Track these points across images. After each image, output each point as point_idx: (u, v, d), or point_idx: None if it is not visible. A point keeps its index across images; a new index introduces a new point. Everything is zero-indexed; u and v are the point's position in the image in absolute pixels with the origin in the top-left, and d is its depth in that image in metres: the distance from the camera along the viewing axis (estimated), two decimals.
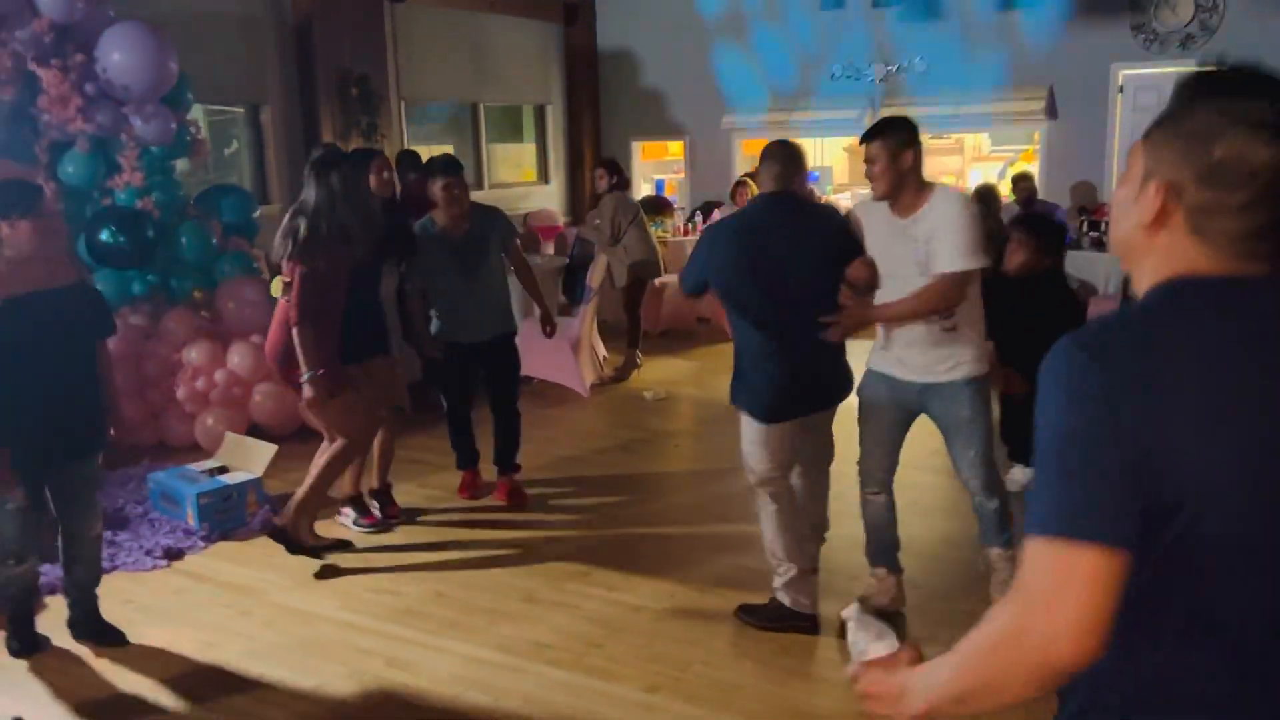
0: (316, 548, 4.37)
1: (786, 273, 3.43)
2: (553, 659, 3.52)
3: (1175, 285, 1.17)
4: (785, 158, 3.59)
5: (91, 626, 3.71)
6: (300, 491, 4.30)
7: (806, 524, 3.69)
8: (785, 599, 3.63)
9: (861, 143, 3.46)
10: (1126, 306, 1.21)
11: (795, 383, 3.50)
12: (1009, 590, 1.13)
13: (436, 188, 4.64)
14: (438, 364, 4.93)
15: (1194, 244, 1.16)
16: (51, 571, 3.84)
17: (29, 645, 3.62)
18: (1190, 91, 1.17)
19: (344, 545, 4.48)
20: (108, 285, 5.72)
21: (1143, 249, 1.21)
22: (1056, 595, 1.06)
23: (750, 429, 3.56)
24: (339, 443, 4.27)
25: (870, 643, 1.45)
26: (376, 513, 4.78)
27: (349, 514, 4.75)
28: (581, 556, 4.36)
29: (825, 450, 3.82)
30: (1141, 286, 1.21)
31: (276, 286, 4.22)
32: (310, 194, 4.06)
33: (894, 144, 3.33)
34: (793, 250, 3.44)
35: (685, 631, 3.70)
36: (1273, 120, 1.10)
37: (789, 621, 3.62)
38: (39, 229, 3.30)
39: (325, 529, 4.58)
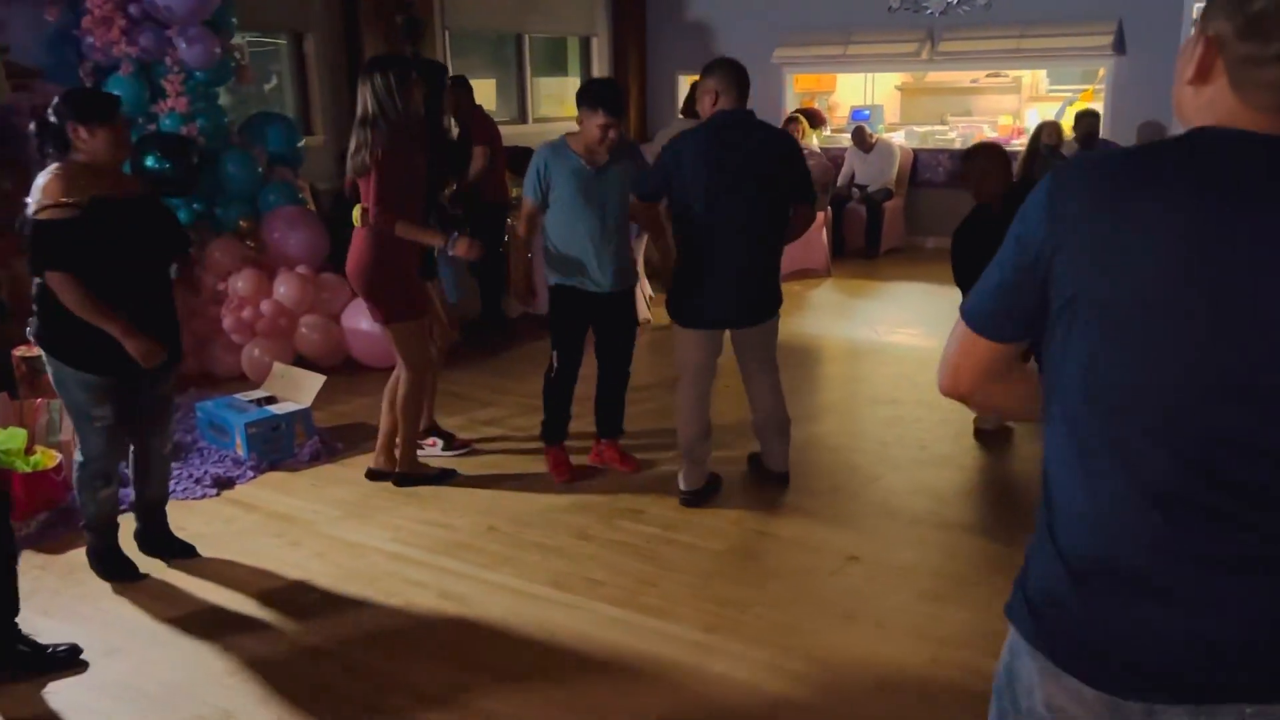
0: (432, 478, 4.41)
1: (736, 188, 3.78)
2: (606, 596, 3.45)
3: (1191, 133, 1.22)
4: (744, 73, 3.90)
5: (161, 541, 3.77)
6: (399, 434, 4.33)
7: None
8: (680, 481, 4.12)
9: None
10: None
11: (722, 295, 3.91)
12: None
13: (594, 124, 4.04)
14: (553, 316, 4.37)
15: (1235, 99, 1.20)
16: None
17: (118, 570, 3.62)
18: None
19: (449, 473, 4.48)
20: None
21: (1191, 104, 1.26)
22: (958, 358, 1.40)
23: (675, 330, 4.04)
24: (406, 376, 4.23)
25: None
26: (458, 436, 4.85)
27: (436, 443, 4.76)
28: (634, 496, 4.27)
29: (768, 357, 4.17)
30: None
31: (356, 215, 4.14)
32: (363, 101, 4.01)
33: None
34: (745, 167, 3.78)
35: (742, 573, 3.61)
36: None
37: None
38: (115, 137, 3.29)
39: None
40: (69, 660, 3.07)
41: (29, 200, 3.25)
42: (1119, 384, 1.22)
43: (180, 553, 3.76)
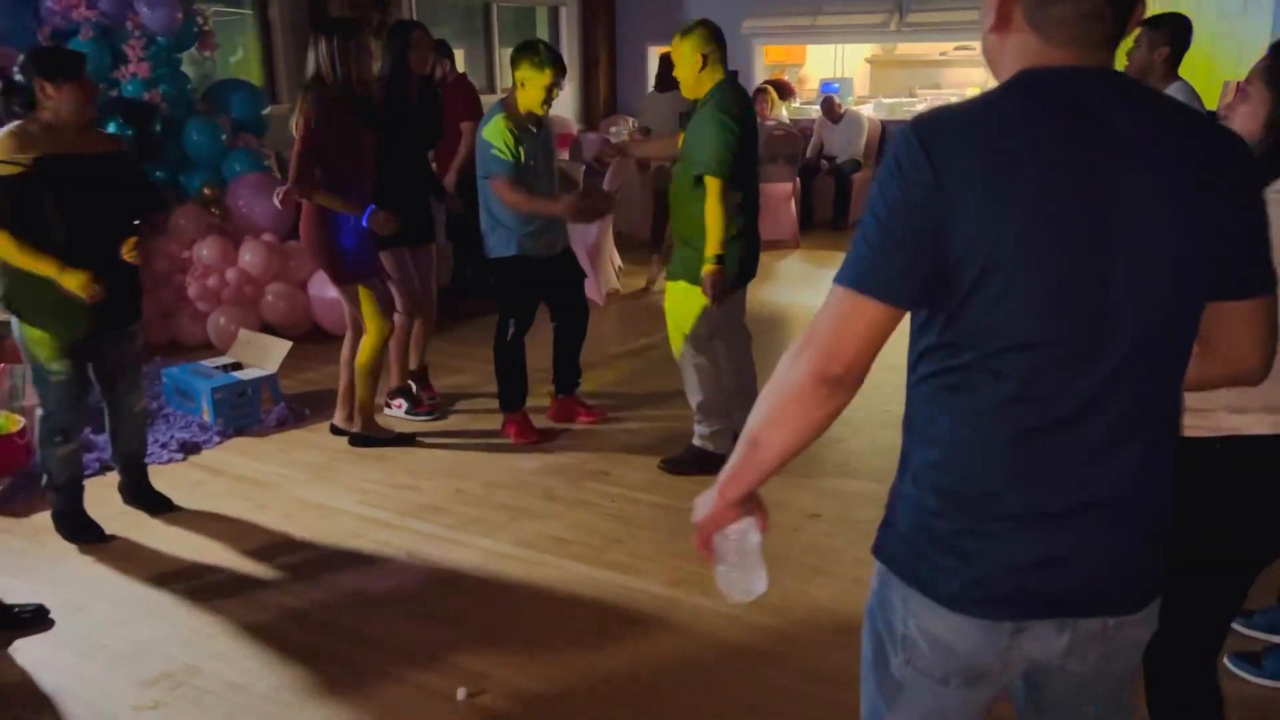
0: (387, 440, 4.44)
1: (752, 152, 3.87)
2: (573, 554, 3.49)
3: (1018, 75, 1.27)
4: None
5: (141, 492, 3.83)
6: (356, 395, 4.38)
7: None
8: (710, 447, 4.03)
9: None
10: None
11: (750, 255, 3.94)
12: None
13: (540, 84, 4.08)
14: (509, 285, 4.36)
15: (1036, 39, 1.26)
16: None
17: (83, 531, 3.62)
18: None
19: (406, 438, 4.49)
20: None
21: (997, 53, 1.32)
22: (841, 326, 1.27)
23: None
24: (366, 338, 4.28)
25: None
26: (426, 399, 4.86)
27: (400, 405, 4.78)
28: (600, 458, 4.31)
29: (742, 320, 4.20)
30: None
31: None
32: (309, 64, 4.04)
33: None
34: (753, 132, 3.90)
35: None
36: None
37: (704, 464, 3.96)
38: (79, 94, 3.28)
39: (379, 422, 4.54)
40: (35, 620, 3.07)
41: None
42: (1017, 328, 1.24)
43: (159, 506, 3.81)
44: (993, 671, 1.39)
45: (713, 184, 3.69)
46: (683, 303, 3.93)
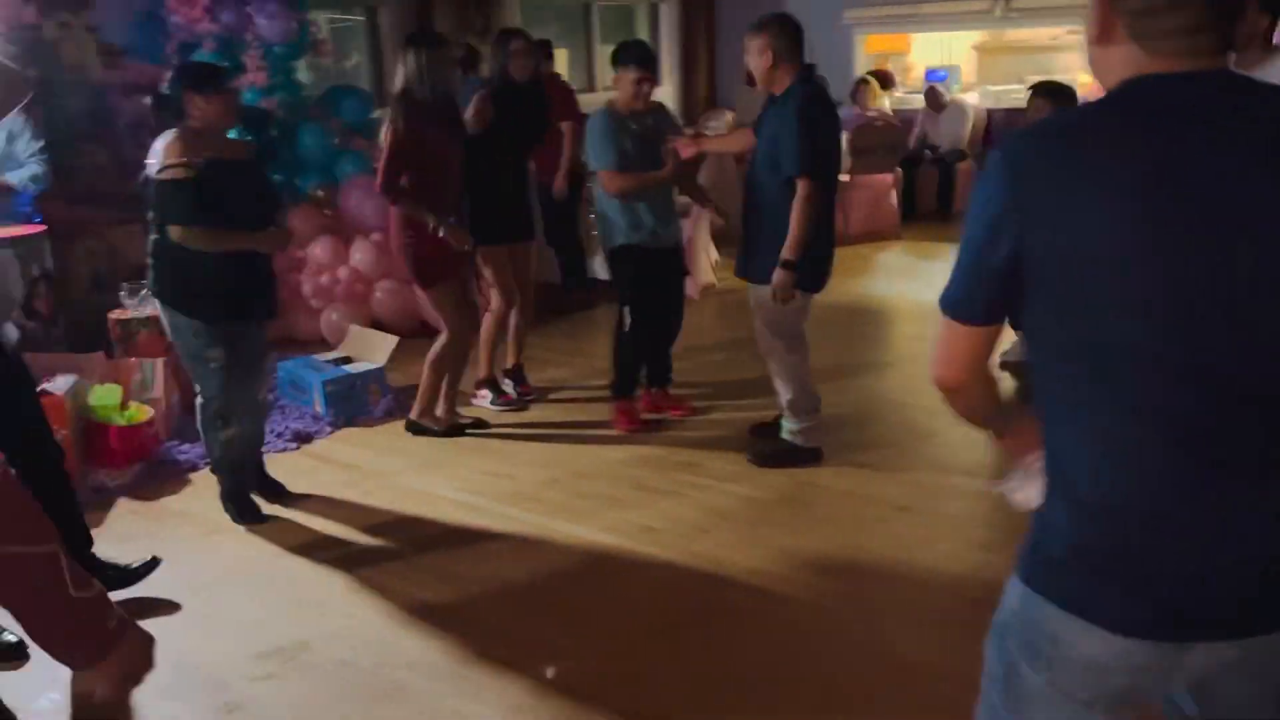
0: (448, 430, 4.60)
1: (833, 157, 4.00)
2: (661, 543, 3.58)
3: (1122, 84, 1.26)
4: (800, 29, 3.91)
5: (257, 479, 4.03)
6: (424, 385, 4.57)
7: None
8: (800, 441, 4.14)
9: None
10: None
11: (819, 265, 3.99)
12: None
13: (628, 80, 4.26)
14: (621, 275, 4.46)
15: (1140, 52, 1.25)
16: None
17: (246, 512, 3.87)
18: None
19: (480, 424, 4.67)
20: None
21: (1102, 65, 1.30)
22: (944, 348, 1.41)
23: (800, 300, 3.93)
24: (443, 337, 4.47)
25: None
26: (511, 392, 4.99)
27: (485, 395, 4.95)
28: (689, 450, 4.38)
29: None
30: None
31: None
32: (398, 76, 4.21)
33: None
34: (835, 137, 4.03)
35: (794, 520, 3.70)
36: None
37: (802, 457, 4.11)
38: (226, 104, 3.57)
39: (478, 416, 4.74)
40: (149, 569, 3.34)
41: (150, 162, 3.54)
42: (1111, 338, 1.23)
43: (273, 492, 4.02)
44: (1148, 691, 1.36)
45: (804, 185, 3.72)
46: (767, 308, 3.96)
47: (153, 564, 3.36)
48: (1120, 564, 1.29)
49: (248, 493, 3.90)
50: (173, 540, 3.74)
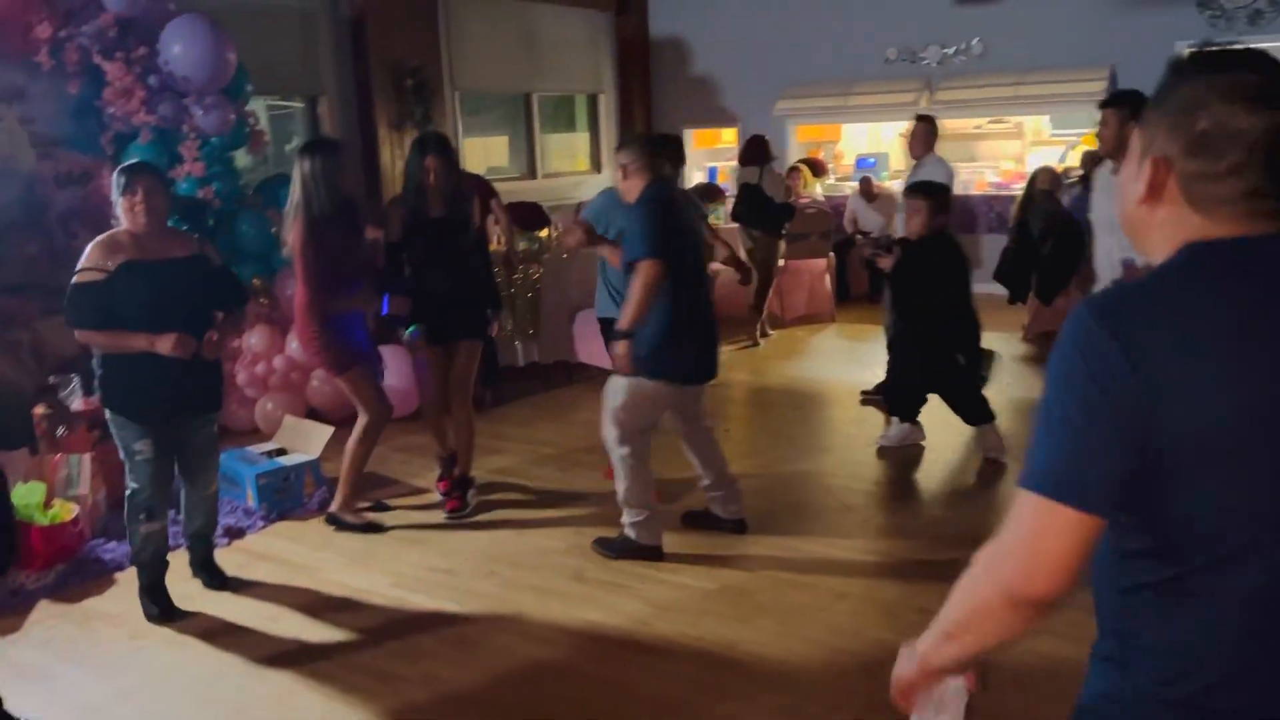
0: (355, 525, 4.54)
1: (689, 249, 4.04)
2: (601, 637, 3.54)
3: (1189, 249, 1.19)
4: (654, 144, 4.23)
5: (205, 567, 4.06)
6: (344, 474, 4.55)
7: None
8: (634, 534, 4.08)
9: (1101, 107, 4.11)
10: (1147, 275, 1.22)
11: (691, 355, 4.05)
12: (997, 534, 1.22)
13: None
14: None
15: (1193, 215, 1.20)
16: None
17: (166, 610, 3.79)
18: (1178, 71, 1.23)
19: (376, 527, 4.55)
20: None
21: (1145, 224, 1.26)
22: (1036, 541, 1.17)
23: (647, 387, 3.94)
24: (361, 421, 4.49)
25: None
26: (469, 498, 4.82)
27: (444, 487, 4.84)
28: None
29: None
30: (1156, 259, 1.24)
31: None
32: (294, 185, 4.30)
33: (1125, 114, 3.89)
34: (688, 231, 4.09)
35: (734, 610, 3.70)
36: (1252, 92, 1.15)
37: (639, 553, 4.07)
38: (146, 204, 3.58)
39: (417, 505, 4.65)
40: None
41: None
42: (1233, 522, 1.16)
43: (219, 583, 4.01)
44: None
45: (642, 267, 3.83)
46: (613, 392, 4.03)
47: None
48: None
49: (162, 586, 3.83)
50: (96, 644, 3.62)
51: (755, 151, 8.19)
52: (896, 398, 5.40)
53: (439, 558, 4.26)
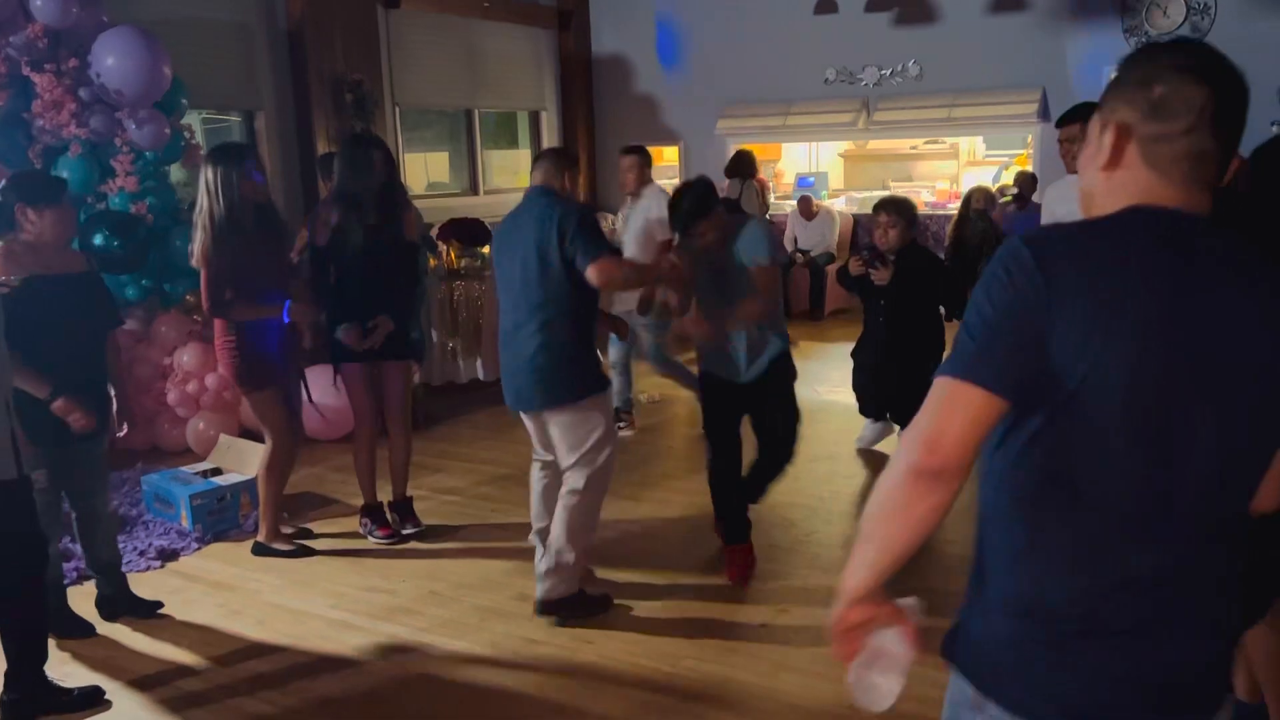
0: (285, 552, 4.41)
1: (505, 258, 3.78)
2: (543, 656, 3.52)
3: (1130, 209, 1.35)
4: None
5: (125, 603, 3.86)
6: (261, 503, 4.43)
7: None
8: (584, 588, 3.80)
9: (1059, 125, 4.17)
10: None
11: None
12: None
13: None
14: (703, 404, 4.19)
15: (1147, 174, 1.36)
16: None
17: (72, 628, 3.69)
18: (1132, 58, 1.41)
19: (305, 551, 4.45)
20: None
21: (1103, 190, 1.40)
22: (942, 417, 1.33)
23: (602, 408, 3.68)
24: (267, 446, 4.36)
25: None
26: (394, 526, 4.64)
27: (367, 524, 4.65)
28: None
29: None
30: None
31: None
32: (200, 193, 4.11)
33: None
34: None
35: (675, 629, 3.70)
36: (1197, 65, 1.34)
37: (599, 607, 3.79)
38: (60, 218, 3.48)
39: (357, 526, 4.58)
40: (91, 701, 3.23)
41: None
42: (1102, 443, 1.30)
43: (146, 610, 3.86)
44: None
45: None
46: None
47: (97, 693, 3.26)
48: (1037, 654, 1.37)
49: (66, 608, 3.74)
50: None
51: (737, 165, 8.19)
52: (869, 399, 5.48)
53: (379, 579, 4.20)
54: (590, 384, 3.66)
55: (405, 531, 4.64)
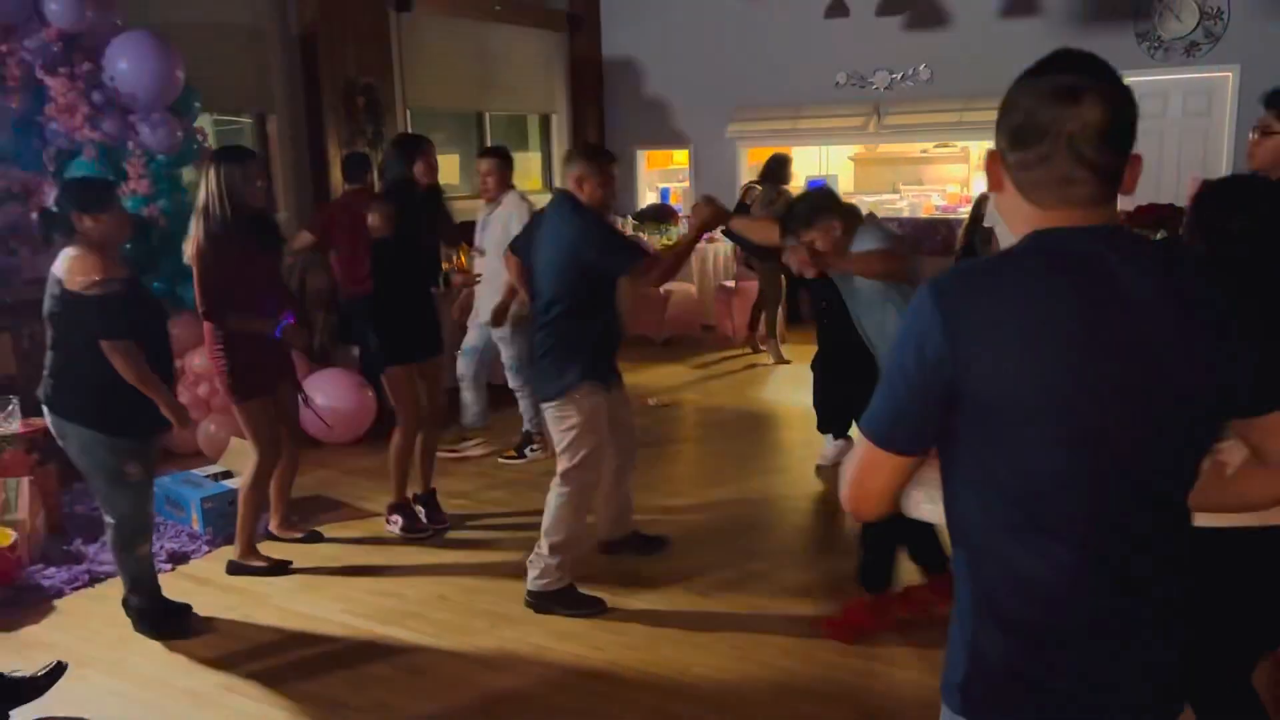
0: (259, 569, 4.32)
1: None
2: (552, 661, 3.52)
3: (1032, 236, 1.37)
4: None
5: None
6: (240, 516, 4.32)
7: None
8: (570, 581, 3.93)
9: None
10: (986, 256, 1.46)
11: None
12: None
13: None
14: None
15: (1024, 202, 1.37)
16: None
17: (172, 618, 3.78)
18: (1016, 80, 1.38)
19: (282, 567, 4.33)
20: None
21: (1003, 212, 1.43)
22: (864, 477, 1.45)
23: (588, 402, 3.78)
24: (251, 460, 4.27)
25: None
26: (424, 519, 4.75)
27: (397, 521, 4.70)
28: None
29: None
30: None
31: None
32: (200, 193, 4.06)
33: None
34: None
35: (687, 635, 3.70)
36: (1062, 90, 1.31)
37: (588, 606, 3.89)
38: (118, 220, 3.55)
39: (366, 530, 4.59)
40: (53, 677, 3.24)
41: (58, 278, 3.45)
42: (1032, 472, 1.35)
43: (175, 612, 3.87)
44: None
45: None
46: None
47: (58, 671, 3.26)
48: (1048, 680, 1.40)
49: (165, 602, 3.80)
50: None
51: (770, 171, 8.18)
52: (830, 416, 5.47)
53: (389, 583, 4.21)
54: (571, 382, 3.76)
55: (438, 526, 4.74)
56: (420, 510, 4.79)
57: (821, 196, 3.68)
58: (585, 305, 3.77)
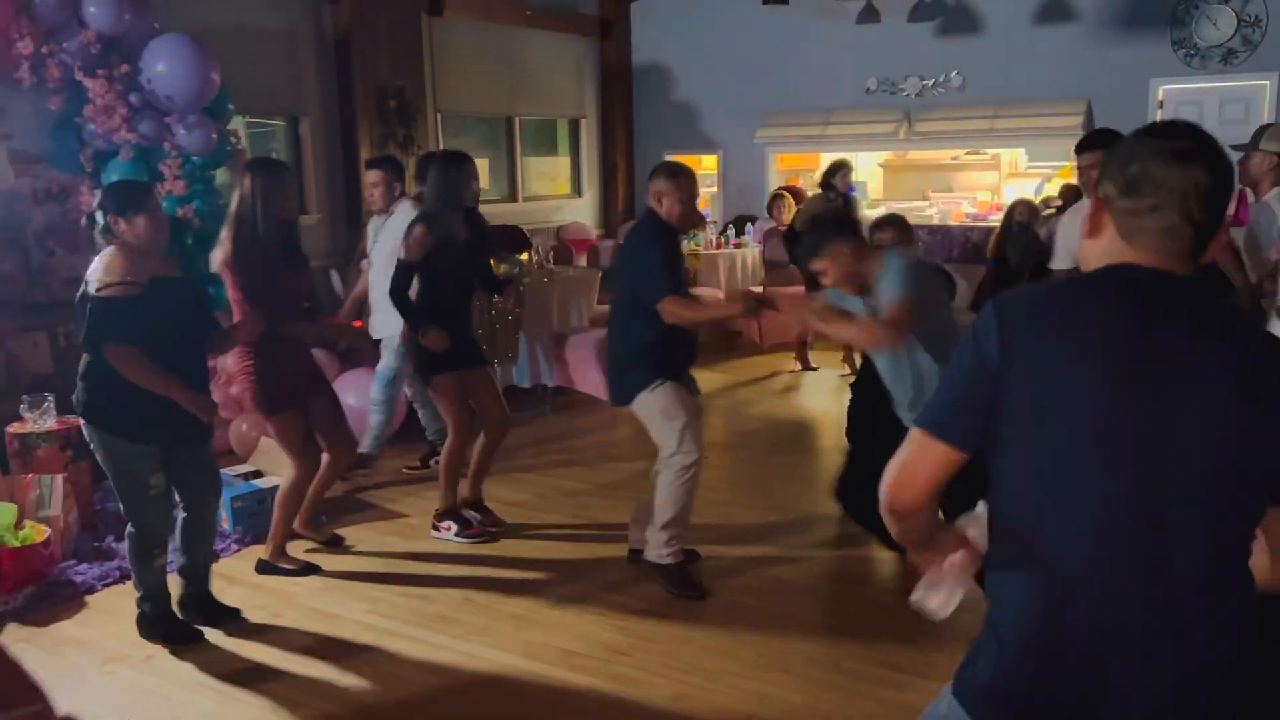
0: (289, 570, 4.34)
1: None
2: (578, 665, 3.52)
3: (1105, 268, 1.51)
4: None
5: (208, 606, 3.90)
6: (274, 522, 4.37)
7: None
8: (678, 560, 4.11)
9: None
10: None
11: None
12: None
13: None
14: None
15: (1124, 246, 1.50)
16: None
17: (181, 633, 3.76)
18: (1127, 137, 1.55)
19: (312, 569, 4.36)
20: None
21: (1092, 254, 1.55)
22: (911, 466, 1.55)
23: (666, 400, 3.99)
24: (288, 471, 4.29)
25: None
26: (477, 523, 4.73)
27: (450, 528, 4.69)
28: (611, 566, 4.36)
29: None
30: None
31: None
32: (233, 200, 4.09)
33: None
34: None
35: (715, 642, 3.68)
36: (1177, 151, 1.47)
37: (687, 588, 4.05)
38: (152, 222, 3.54)
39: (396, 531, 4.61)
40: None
41: (89, 279, 3.47)
42: (1065, 487, 1.44)
43: (228, 617, 3.89)
44: None
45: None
46: None
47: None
48: (1059, 696, 1.47)
49: (173, 612, 3.79)
50: (66, 670, 3.55)
51: (828, 177, 8.17)
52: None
53: (415, 585, 4.22)
54: (639, 386, 4.01)
55: (491, 528, 4.75)
56: (474, 516, 4.77)
57: (827, 223, 3.76)
58: (649, 312, 3.90)
